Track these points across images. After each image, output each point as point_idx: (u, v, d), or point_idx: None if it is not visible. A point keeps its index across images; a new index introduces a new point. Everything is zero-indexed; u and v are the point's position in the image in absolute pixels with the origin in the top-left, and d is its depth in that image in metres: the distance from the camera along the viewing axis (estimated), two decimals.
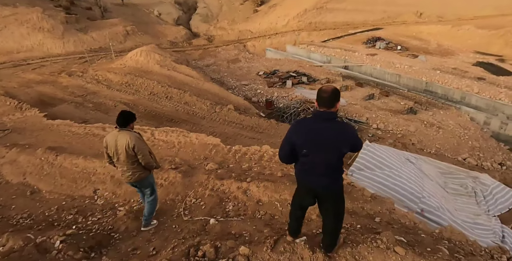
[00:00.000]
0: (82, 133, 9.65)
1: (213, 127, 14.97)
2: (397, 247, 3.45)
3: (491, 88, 20.67)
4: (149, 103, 17.13)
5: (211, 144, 7.67)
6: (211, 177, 5.60)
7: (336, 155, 2.68)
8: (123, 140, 3.89)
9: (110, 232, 4.35)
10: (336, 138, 2.63)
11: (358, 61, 26.61)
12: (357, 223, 4.05)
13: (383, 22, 34.58)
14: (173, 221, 4.51)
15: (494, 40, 25.81)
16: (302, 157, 2.74)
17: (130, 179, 4.14)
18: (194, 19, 44.80)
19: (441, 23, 30.48)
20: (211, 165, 6.22)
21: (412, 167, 10.09)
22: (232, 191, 5.19)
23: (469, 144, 17.06)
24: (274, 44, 34.52)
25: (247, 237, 3.80)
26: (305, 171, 2.84)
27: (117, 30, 34.01)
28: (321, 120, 2.65)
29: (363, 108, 20.03)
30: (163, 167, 6.40)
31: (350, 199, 4.87)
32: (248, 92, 23.64)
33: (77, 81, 19.77)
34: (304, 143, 2.67)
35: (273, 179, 5.41)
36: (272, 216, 4.41)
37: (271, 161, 6.63)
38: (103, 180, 6.33)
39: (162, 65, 20.92)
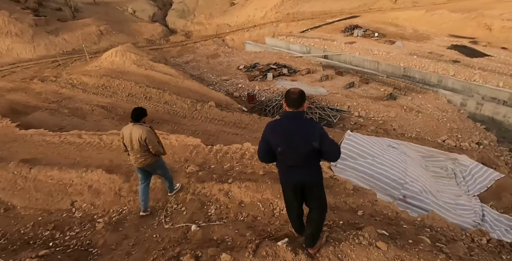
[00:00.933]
0: (57, 141, 9.28)
1: (195, 126, 14.73)
2: (379, 242, 3.43)
3: (466, 70, 21.13)
4: (128, 105, 16.66)
5: (191, 145, 7.50)
6: (192, 180, 5.46)
7: (308, 149, 2.84)
8: (137, 133, 4.54)
9: (87, 248, 4.18)
10: (306, 134, 2.84)
11: (337, 50, 26.67)
12: (339, 219, 4.02)
13: (359, 10, 34.63)
14: (154, 230, 4.37)
15: (467, 23, 26.28)
16: (279, 155, 2.95)
17: (143, 164, 4.82)
18: (170, 15, 43.72)
19: (415, 9, 30.76)
20: (192, 167, 6.07)
21: (395, 152, 10.22)
22: (213, 193, 5.08)
23: (447, 125, 17.46)
24: (253, 37, 34.15)
25: (229, 242, 3.71)
26: (286, 168, 3.03)
27: (90, 30, 32.83)
28: (292, 119, 2.88)
29: (344, 97, 20.15)
30: None
31: (332, 193, 4.84)
32: (229, 88, 23.37)
33: (51, 87, 19.02)
34: (278, 141, 2.88)
35: (254, 178, 5.32)
36: (254, 218, 4.33)
37: (252, 159, 6.54)
38: (80, 191, 6.09)
39: (139, 65, 20.35)
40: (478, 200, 9.61)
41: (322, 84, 22.09)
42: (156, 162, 4.89)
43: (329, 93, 20.68)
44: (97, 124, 14.46)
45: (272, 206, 4.46)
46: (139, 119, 4.64)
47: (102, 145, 8.40)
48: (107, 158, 7.49)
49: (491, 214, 8.89)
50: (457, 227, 5.21)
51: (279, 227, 4.00)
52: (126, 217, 4.93)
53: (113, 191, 5.78)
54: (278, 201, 4.51)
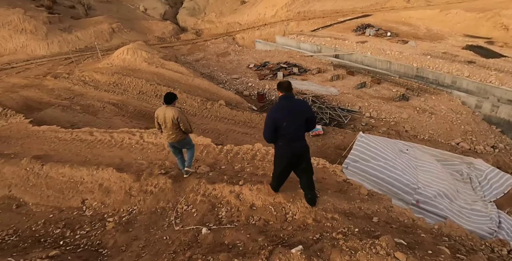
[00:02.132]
0: (69, 138, 9.32)
1: (205, 124, 14.69)
2: (397, 253, 3.28)
3: (481, 72, 20.56)
4: (138, 102, 16.73)
5: (201, 144, 7.43)
6: (202, 181, 5.38)
7: (303, 120, 3.83)
8: (170, 113, 5.29)
9: (97, 248, 4.13)
10: (301, 108, 3.87)
11: (349, 50, 26.30)
12: (354, 226, 3.87)
13: (372, 8, 34.09)
14: (164, 232, 4.30)
15: (482, 23, 25.60)
16: (282, 131, 3.75)
17: (173, 140, 5.57)
18: (181, 13, 43.79)
19: (429, 8, 30.10)
20: (202, 167, 5.99)
21: (406, 157, 9.99)
22: (224, 195, 4.98)
23: (461, 128, 17.03)
24: (264, 36, 33.95)
25: (241, 247, 3.61)
26: (288, 141, 3.85)
27: (103, 28, 33.11)
28: (289, 100, 3.83)
29: (355, 97, 19.85)
30: (152, 172, 6.16)
31: (346, 198, 4.69)
32: (239, 86, 23.27)
33: (63, 84, 19.22)
34: (283, 116, 3.73)
35: (266, 181, 5.20)
36: (266, 222, 4.22)
37: (264, 160, 6.42)
38: (91, 189, 6.07)
39: (150, 62, 20.40)
40: (494, 206, 9.32)
41: (333, 84, 21.81)
42: (185, 139, 5.67)
43: (340, 93, 20.40)
44: (108, 121, 14.54)
45: (284, 210, 4.34)
46: (170, 102, 5.41)
47: (113, 143, 8.39)
48: (118, 156, 7.48)
49: (508, 221, 8.60)
50: (476, 236, 5.00)
51: (292, 232, 3.88)
52: (136, 217, 4.88)
53: (124, 190, 5.74)
54: (291, 205, 4.39)
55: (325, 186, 5.23)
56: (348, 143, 13.48)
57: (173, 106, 5.43)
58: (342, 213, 4.22)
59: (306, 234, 3.79)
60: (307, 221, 4.07)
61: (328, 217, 4.10)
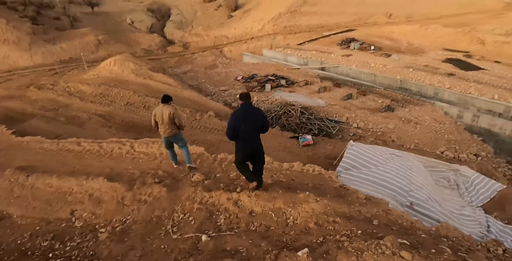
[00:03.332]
0: (55, 149, 9.02)
1: (195, 135, 14.54)
2: (403, 252, 3.30)
3: (461, 83, 21.43)
4: (126, 114, 16.48)
5: (195, 153, 7.33)
6: (198, 189, 5.28)
7: (258, 125, 4.68)
8: (167, 110, 6.06)
9: (91, 259, 3.94)
10: (256, 115, 4.72)
11: (334, 62, 26.97)
12: (357, 229, 3.87)
13: (355, 23, 35.33)
14: (162, 241, 4.16)
15: (460, 37, 26.90)
16: (240, 132, 4.61)
17: (169, 134, 6.24)
18: (168, 26, 44.08)
19: (410, 23, 31.48)
20: (197, 176, 5.89)
21: (398, 160, 10.16)
22: (222, 202, 4.90)
23: (445, 137, 17.53)
24: (251, 49, 34.46)
25: (244, 253, 3.53)
26: (245, 140, 4.74)
27: (88, 39, 32.86)
28: (247, 108, 4.69)
29: (342, 108, 20.21)
30: (145, 181, 6.01)
31: (345, 202, 4.70)
32: (227, 98, 23.34)
33: (47, 95, 18.77)
34: (241, 122, 4.58)
35: (264, 187, 5.16)
36: (267, 227, 4.16)
37: None
38: (81, 200, 5.85)
39: (137, 74, 20.27)
40: (482, 211, 9.53)
41: (320, 95, 22.18)
42: (178, 134, 6.37)
43: (327, 105, 20.74)
44: (95, 133, 14.19)
45: (285, 215, 4.30)
46: (167, 101, 6.20)
47: (102, 153, 8.18)
48: (108, 166, 7.28)
49: (496, 225, 8.79)
50: (471, 237, 5.09)
51: (295, 237, 3.83)
52: (131, 226, 4.70)
53: (115, 200, 5.56)
54: (292, 210, 4.36)
55: (323, 191, 5.23)
56: (338, 152, 13.62)
57: (170, 105, 6.24)
58: (343, 217, 4.22)
59: (309, 237, 3.75)
60: (309, 225, 4.04)
61: (330, 220, 4.08)
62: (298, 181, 5.65)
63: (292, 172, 6.11)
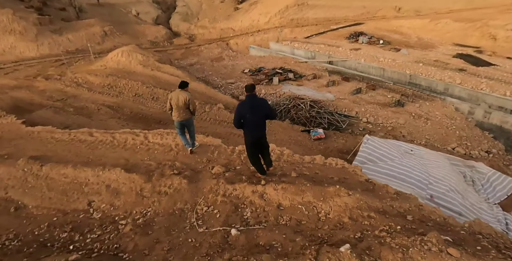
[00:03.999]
0: (66, 139, 8.83)
1: (204, 128, 14.33)
2: (450, 249, 3.09)
3: (472, 79, 21.01)
4: (135, 105, 16.27)
5: (212, 145, 7.12)
6: (221, 181, 5.07)
7: (264, 114, 4.92)
8: (183, 95, 6.35)
9: (117, 252, 3.75)
10: (262, 105, 4.95)
11: (343, 56, 26.55)
12: (395, 224, 3.66)
13: (363, 17, 34.72)
14: (187, 234, 3.97)
15: (471, 33, 26.35)
16: (246, 121, 4.82)
17: (182, 118, 6.48)
18: (174, 18, 43.55)
19: (419, 17, 30.87)
20: (218, 168, 5.68)
21: (412, 157, 9.94)
22: (246, 195, 4.69)
23: (456, 133, 17.24)
24: (257, 42, 34.01)
25: (279, 248, 3.33)
26: (251, 128, 4.93)
27: (94, 30, 32.50)
28: (252, 98, 4.88)
29: (351, 102, 19.91)
30: (164, 173, 5.82)
31: (376, 197, 4.48)
32: (234, 91, 23.06)
33: (55, 85, 18.56)
34: (247, 111, 4.79)
35: (289, 180, 4.95)
36: (298, 222, 3.95)
37: (280, 160, 6.18)
38: (98, 191, 5.67)
39: (145, 65, 19.99)
40: (499, 208, 9.31)
41: (329, 89, 21.86)
42: (190, 118, 6.66)
43: (336, 99, 20.43)
44: (103, 123, 14.01)
45: (316, 209, 4.09)
46: (184, 87, 6.52)
47: (116, 144, 7.98)
48: (123, 157, 7.08)
49: None
50: (504, 234, 4.88)
51: (329, 232, 3.63)
52: (153, 219, 4.51)
53: (134, 191, 5.37)
54: (322, 204, 4.15)
55: (350, 185, 5.01)
56: (350, 146, 13.40)
57: (186, 91, 6.52)
58: (377, 211, 4.01)
59: (345, 233, 3.55)
60: (343, 219, 3.83)
61: (364, 215, 3.87)
62: (322, 174, 5.44)
63: (315, 165, 5.88)
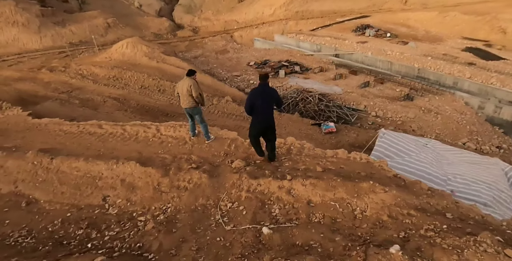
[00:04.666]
0: (75, 131, 8.54)
1: (213, 121, 14.01)
2: (508, 250, 2.81)
3: (482, 73, 20.58)
4: (141, 97, 15.95)
5: (228, 138, 6.83)
6: (243, 176, 4.79)
7: (272, 102, 5.27)
8: (187, 82, 6.43)
9: (141, 252, 3.49)
10: (271, 94, 5.25)
11: (349, 49, 26.07)
12: (440, 223, 3.38)
13: (369, 10, 34.05)
14: (214, 232, 3.70)
15: (480, 26, 25.78)
16: (256, 107, 5.15)
17: (186, 106, 6.58)
18: (177, 10, 42.88)
19: (426, 10, 30.23)
20: (238, 162, 5.40)
21: (430, 150, 9.66)
22: (272, 191, 4.41)
23: (467, 128, 16.90)
24: (262, 34, 33.46)
25: (319, 248, 3.06)
26: (259, 114, 5.26)
27: (98, 22, 31.98)
28: (264, 87, 5.24)
29: (359, 96, 19.54)
30: (181, 167, 5.54)
31: (412, 193, 4.20)
32: (240, 83, 22.68)
33: (60, 77, 18.22)
34: (258, 98, 5.13)
35: (316, 175, 4.66)
36: (333, 220, 3.67)
37: (301, 154, 5.88)
38: (113, 185, 5.40)
39: (150, 57, 19.60)
40: None
41: (336, 82, 21.46)
42: (196, 108, 6.59)
43: (343, 92, 20.06)
44: (110, 116, 13.71)
45: (350, 206, 3.81)
46: (190, 74, 6.56)
47: (127, 136, 7.69)
48: (135, 150, 6.80)
49: None
50: None
51: (369, 231, 3.35)
52: (175, 215, 4.24)
53: (151, 186, 5.09)
54: (357, 200, 3.86)
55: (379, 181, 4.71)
56: (362, 140, 13.10)
57: (191, 78, 6.50)
58: (415, 209, 3.72)
59: (387, 232, 3.27)
60: (382, 217, 3.55)
61: (404, 213, 3.59)
62: (348, 169, 5.14)
63: (338, 159, 5.59)
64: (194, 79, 6.55)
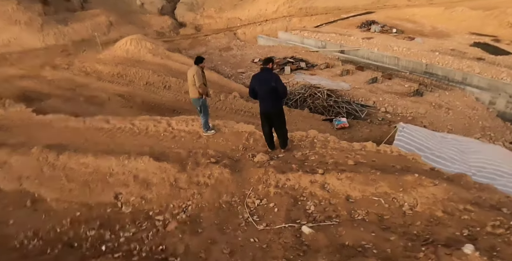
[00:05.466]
0: (82, 127, 8.12)
1: (220, 117, 13.52)
2: None
3: (492, 68, 20.07)
4: (146, 94, 15.50)
5: (245, 131, 6.38)
6: (270, 170, 4.35)
7: (270, 88, 4.99)
8: (192, 70, 6.17)
9: (165, 256, 3.05)
10: (270, 79, 5.04)
11: (355, 45, 25.57)
12: (506, 219, 2.93)
13: (373, 6, 33.52)
14: (246, 233, 3.26)
15: (488, 21, 25.26)
16: (257, 93, 5.18)
17: (191, 96, 6.40)
18: (179, 8, 42.37)
19: (433, 6, 29.70)
20: (261, 155, 4.96)
21: (451, 143, 9.23)
22: (304, 186, 3.97)
23: (479, 124, 16.43)
24: (266, 31, 32.97)
25: (374, 249, 2.62)
26: (260, 100, 5.28)
27: (100, 20, 31.53)
28: (264, 72, 5.21)
29: (368, 92, 19.05)
30: (198, 161, 5.10)
31: (463, 187, 3.75)
32: (245, 80, 22.14)
33: (64, 74, 17.79)
34: (256, 84, 5.16)
35: (350, 169, 4.21)
36: (379, 217, 3.23)
37: (326, 148, 5.44)
38: (125, 182, 4.96)
39: (154, 54, 19.14)
40: None
41: (343, 79, 20.97)
42: (199, 98, 6.27)
43: (351, 88, 19.57)
44: (115, 112, 13.21)
45: (397, 201, 3.36)
46: (197, 62, 6.26)
47: (136, 131, 7.26)
48: (146, 145, 6.36)
49: None
50: None
51: (426, 228, 2.91)
52: (198, 214, 3.80)
53: (168, 182, 4.66)
54: (404, 195, 3.42)
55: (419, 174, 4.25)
56: (376, 135, 12.63)
57: (197, 66, 6.19)
58: (471, 204, 3.27)
59: (447, 229, 2.83)
60: (436, 213, 3.11)
61: (460, 208, 3.15)
62: (380, 162, 4.70)
63: (368, 152, 5.15)
64: (201, 68, 6.27)
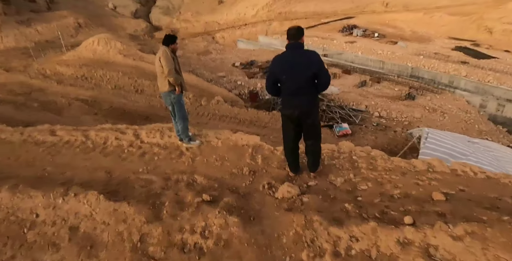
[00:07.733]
0: (16, 140, 5.77)
1: (203, 124, 11.49)
2: None
3: (478, 71, 19.44)
4: (115, 98, 13.14)
5: (247, 145, 4.37)
6: (314, 218, 2.37)
7: (308, 75, 3.01)
8: (159, 52, 4.17)
9: None
10: (306, 60, 3.02)
11: (338, 49, 24.39)
12: None
13: (352, 11, 32.85)
14: None
15: (467, 26, 25.01)
16: (282, 84, 3.13)
17: (160, 89, 4.42)
18: (154, 12, 39.91)
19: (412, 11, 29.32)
20: (286, 187, 2.97)
21: (481, 148, 7.74)
22: (387, 253, 2.03)
23: (476, 127, 15.43)
24: (245, 35, 31.32)
25: None
26: (288, 96, 3.18)
27: (67, 22, 28.56)
28: (294, 49, 3.05)
29: (358, 95, 17.71)
30: (182, 198, 3.03)
31: None
32: (226, 85, 20.22)
33: (18, 77, 15.00)
34: (282, 68, 3.05)
35: (451, 211, 2.32)
36: None
37: (376, 169, 3.55)
38: (52, 240, 2.79)
39: (126, 54, 16.76)
40: None
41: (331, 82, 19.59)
42: (170, 92, 4.33)
43: (341, 92, 18.15)
44: (76, 121, 10.84)
45: None
46: (165, 42, 4.24)
47: (90, 146, 5.05)
48: (101, 167, 4.21)
49: None
50: None
51: None
52: None
53: (129, 244, 2.56)
54: None
55: None
56: (383, 143, 11.05)
57: (164, 46, 4.21)
58: None
59: None
60: None
61: None
62: (475, 193, 2.89)
63: (441, 174, 3.32)
64: (173, 50, 4.25)
